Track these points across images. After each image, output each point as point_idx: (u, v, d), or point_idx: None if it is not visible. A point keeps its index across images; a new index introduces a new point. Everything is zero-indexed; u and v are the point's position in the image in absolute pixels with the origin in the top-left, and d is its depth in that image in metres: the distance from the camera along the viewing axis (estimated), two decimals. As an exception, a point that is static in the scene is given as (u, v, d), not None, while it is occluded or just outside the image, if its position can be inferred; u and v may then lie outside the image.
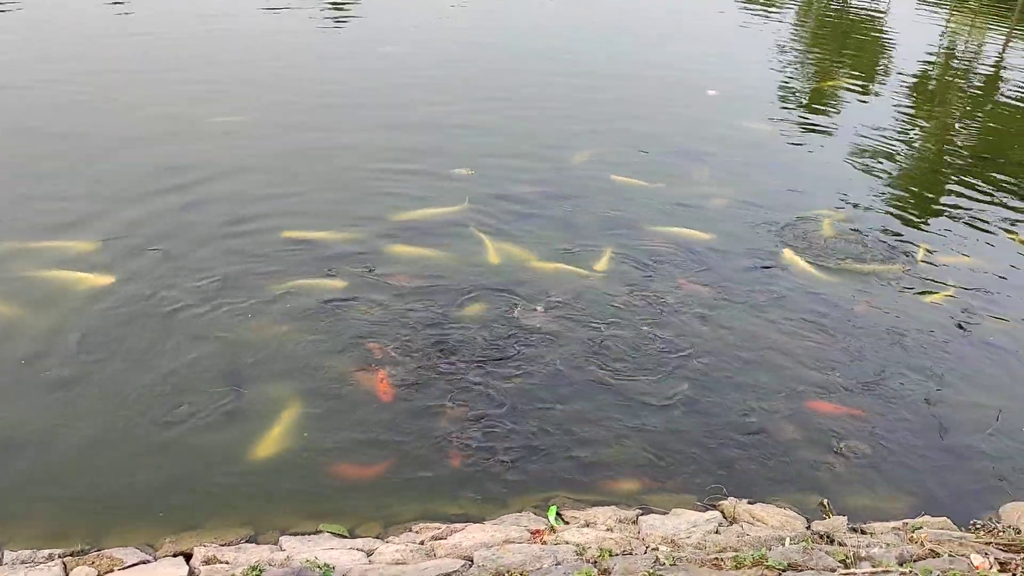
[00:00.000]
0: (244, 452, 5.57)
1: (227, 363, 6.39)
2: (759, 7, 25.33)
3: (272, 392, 6.14)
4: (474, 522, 5.14)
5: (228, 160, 9.97)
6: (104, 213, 8.42)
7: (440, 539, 4.90)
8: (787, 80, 17.04)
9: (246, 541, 4.87)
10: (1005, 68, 20.49)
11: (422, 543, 4.90)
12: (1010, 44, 23.54)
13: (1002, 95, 17.78)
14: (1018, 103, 16.94)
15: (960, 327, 7.93)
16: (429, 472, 5.58)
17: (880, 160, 12.48)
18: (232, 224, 8.46)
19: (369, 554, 4.73)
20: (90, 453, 5.47)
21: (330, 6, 18.98)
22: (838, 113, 14.96)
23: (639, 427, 6.16)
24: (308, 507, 5.22)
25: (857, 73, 18.04)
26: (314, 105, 12.25)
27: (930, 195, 11.53)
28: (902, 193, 11.34)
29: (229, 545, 4.78)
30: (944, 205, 11.12)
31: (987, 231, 10.18)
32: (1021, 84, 18.41)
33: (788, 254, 8.96)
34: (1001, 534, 5.17)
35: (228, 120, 11.24)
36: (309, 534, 4.96)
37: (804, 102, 15.51)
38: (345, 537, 4.99)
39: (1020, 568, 4.34)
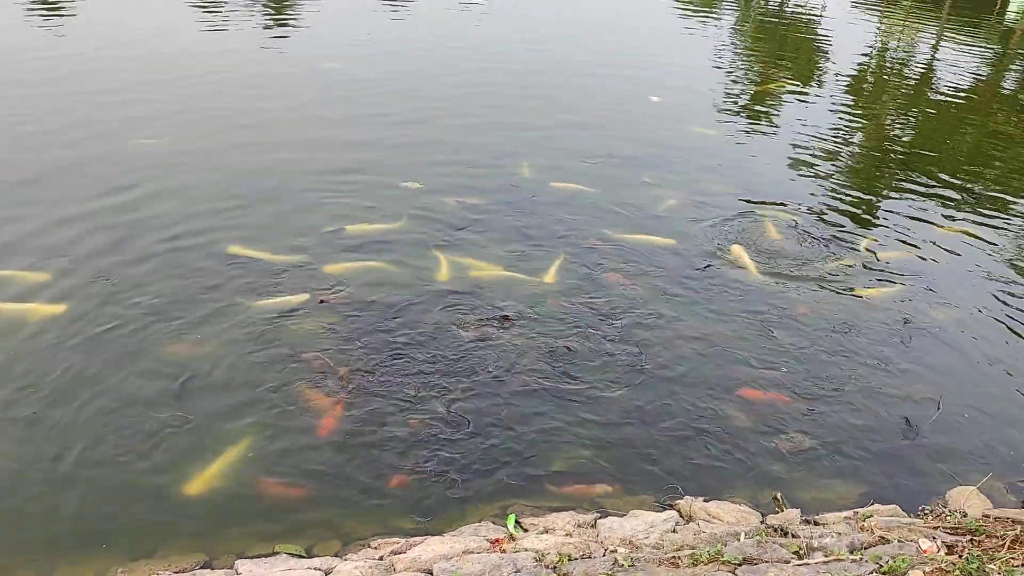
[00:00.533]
0: (194, 477, 5.47)
1: (173, 388, 6.27)
2: (698, 11, 25.77)
3: (221, 415, 6.03)
4: (433, 535, 5.12)
5: (167, 179, 9.81)
6: (42, 237, 8.23)
7: (399, 553, 4.87)
8: (729, 83, 17.34)
9: (200, 567, 4.78)
10: (937, 64, 21.12)
11: (381, 558, 4.86)
12: (941, 41, 24.26)
13: (935, 91, 18.31)
14: (950, 98, 17.46)
15: (901, 318, 8.13)
16: (385, 488, 5.54)
17: (822, 158, 12.76)
18: (175, 243, 8.34)
19: (327, 573, 4.68)
20: (35, 486, 5.32)
21: (272, 24, 18.84)
22: (780, 114, 15.28)
23: (593, 431, 6.19)
24: (263, 529, 5.14)
25: (797, 74, 18.44)
26: (259, 121, 12.14)
27: (871, 190, 11.81)
28: (844, 189, 11.58)
29: (183, 572, 4.69)
30: (884, 199, 11.41)
31: (925, 223, 10.47)
32: (952, 80, 18.99)
33: (736, 251, 9.12)
34: (948, 518, 5.30)
35: (163, 140, 11.07)
36: (265, 556, 4.89)
37: (746, 105, 15.80)
38: (302, 557, 4.93)
39: (966, 550, 4.45)
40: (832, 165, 12.61)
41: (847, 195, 11.34)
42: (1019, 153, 14.02)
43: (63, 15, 17.73)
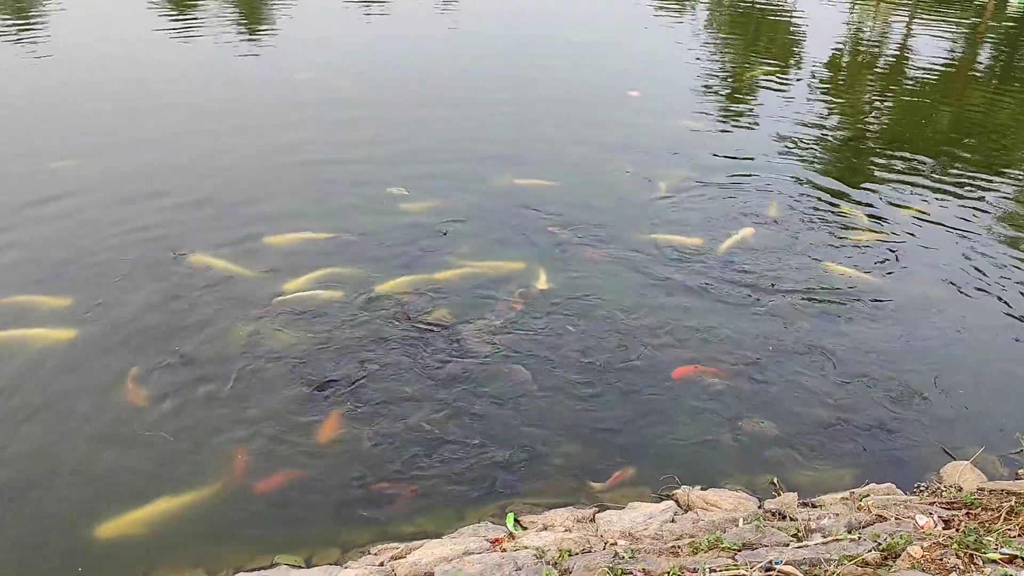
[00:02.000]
0: (189, 491, 5.45)
1: (161, 403, 6.25)
2: (671, 2, 25.79)
3: (211, 430, 6.01)
4: (432, 538, 5.11)
5: (141, 191, 9.80)
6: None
7: (399, 558, 4.85)
8: (706, 75, 17.34)
9: (200, 582, 4.78)
10: (911, 44, 21.22)
11: (381, 564, 4.85)
12: (913, 21, 24.39)
13: (910, 72, 18.40)
14: (923, 80, 17.54)
15: (888, 298, 8.17)
16: (382, 494, 5.53)
17: (803, 144, 12.79)
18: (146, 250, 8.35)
19: (328, 582, 4.67)
20: (21, 500, 5.31)
21: (247, 33, 18.75)
22: (759, 103, 15.28)
23: (585, 427, 6.21)
24: (262, 541, 5.13)
25: (772, 62, 18.49)
26: (239, 133, 12.07)
27: (852, 173, 11.80)
28: (826, 173, 11.59)
29: (182, 588, 4.67)
30: (866, 181, 11.39)
31: (908, 203, 10.52)
32: (927, 60, 19.07)
33: (745, 233, 9.24)
34: (944, 493, 5.34)
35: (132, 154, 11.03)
36: (264, 568, 4.88)
37: (725, 95, 15.81)
38: (302, 567, 4.92)
39: (963, 523, 4.48)
40: (813, 150, 12.65)
41: (829, 179, 11.37)
42: (994, 130, 14.12)
43: (37, 33, 17.59)
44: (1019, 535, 4.17)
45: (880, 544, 4.08)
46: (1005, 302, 8.21)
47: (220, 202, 9.67)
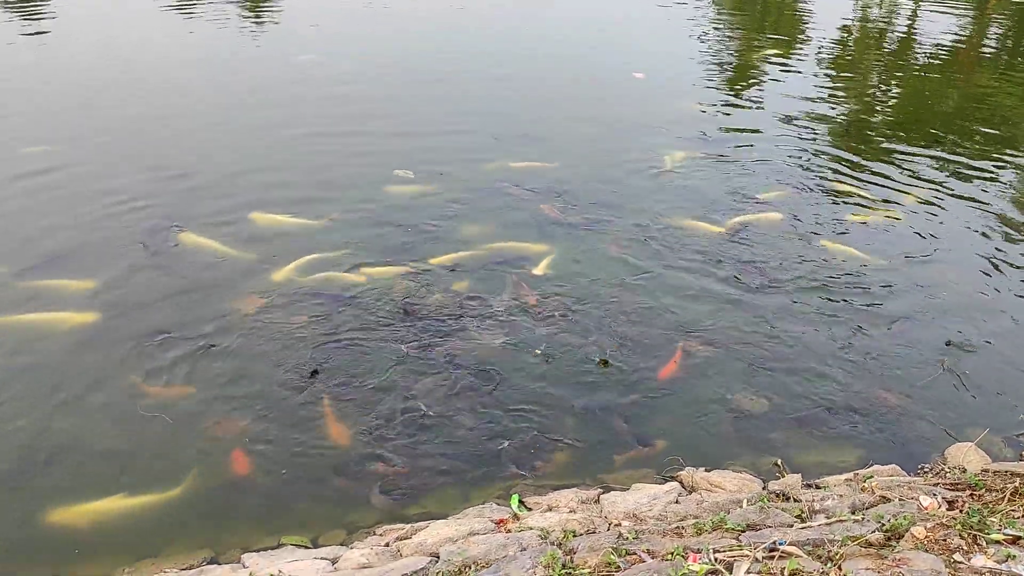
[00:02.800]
0: (195, 473, 5.48)
1: (166, 388, 6.28)
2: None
3: (213, 414, 6.03)
4: (438, 519, 5.13)
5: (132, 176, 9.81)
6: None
7: (405, 539, 4.89)
8: (712, 55, 17.24)
9: (207, 563, 4.80)
10: (918, 26, 21.04)
11: (387, 545, 4.88)
12: (920, 2, 24.15)
13: (917, 53, 18.26)
14: (931, 60, 17.41)
15: (896, 281, 8.14)
16: (387, 477, 5.55)
17: (809, 126, 12.70)
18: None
19: (334, 562, 4.70)
20: (28, 488, 5.35)
21: (247, 13, 18.67)
22: (765, 84, 15.19)
23: (590, 409, 6.22)
24: (268, 522, 5.16)
25: (779, 44, 18.34)
26: (239, 113, 12.07)
27: (858, 155, 11.70)
28: (832, 155, 11.53)
29: (190, 569, 4.70)
30: (872, 163, 11.30)
31: (915, 185, 10.45)
32: (933, 42, 18.90)
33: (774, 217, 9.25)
34: (948, 475, 5.34)
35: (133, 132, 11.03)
36: (271, 549, 4.91)
37: (731, 76, 15.72)
38: (308, 547, 4.95)
39: (967, 504, 4.49)
40: (819, 130, 12.57)
41: (835, 160, 11.31)
42: (1003, 110, 14.01)
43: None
44: (1023, 516, 4.17)
45: (884, 525, 4.09)
46: (1012, 284, 8.18)
47: (222, 181, 9.71)
